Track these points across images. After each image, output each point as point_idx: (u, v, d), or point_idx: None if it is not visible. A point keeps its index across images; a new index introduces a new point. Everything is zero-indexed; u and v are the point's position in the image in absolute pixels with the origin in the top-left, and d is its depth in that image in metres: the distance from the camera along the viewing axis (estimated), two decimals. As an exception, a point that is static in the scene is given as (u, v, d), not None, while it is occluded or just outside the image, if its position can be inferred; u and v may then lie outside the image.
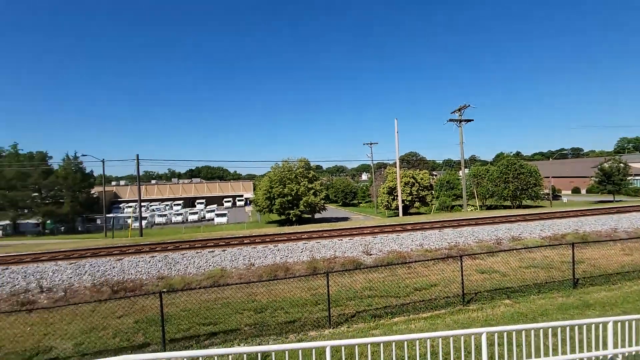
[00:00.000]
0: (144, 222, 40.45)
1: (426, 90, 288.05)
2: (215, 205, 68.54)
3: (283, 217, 43.55)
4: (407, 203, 44.41)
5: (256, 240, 16.89)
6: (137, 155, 34.68)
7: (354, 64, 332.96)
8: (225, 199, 77.08)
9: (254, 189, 69.74)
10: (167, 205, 68.46)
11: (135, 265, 13.53)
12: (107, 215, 40.76)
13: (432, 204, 46.72)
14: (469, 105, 34.14)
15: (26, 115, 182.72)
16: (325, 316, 9.01)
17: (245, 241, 16.96)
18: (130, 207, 58.91)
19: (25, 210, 39.43)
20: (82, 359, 7.58)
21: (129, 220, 40.23)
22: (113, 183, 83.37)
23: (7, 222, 38.52)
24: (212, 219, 50.91)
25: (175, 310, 10.01)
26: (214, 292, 11.19)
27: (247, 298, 10.72)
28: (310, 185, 43.20)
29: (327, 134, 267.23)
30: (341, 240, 16.61)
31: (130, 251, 15.35)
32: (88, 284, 11.97)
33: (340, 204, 77.91)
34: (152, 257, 14.33)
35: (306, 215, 45.29)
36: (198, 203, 72.72)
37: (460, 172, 44.02)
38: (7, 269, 12.79)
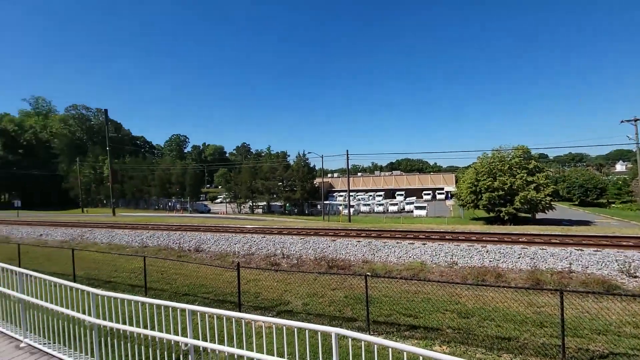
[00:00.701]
0: (351, 210, 45.99)
1: None
2: (414, 198, 68.95)
3: (492, 214, 38.08)
4: None
5: (459, 238, 15.44)
6: (347, 151, 39.73)
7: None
8: (424, 192, 76.09)
9: (456, 182, 64.90)
10: (370, 195, 75.11)
11: (345, 247, 15.39)
12: (325, 202, 49.44)
13: None
14: None
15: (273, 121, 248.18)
16: (555, 344, 6.97)
17: (446, 237, 15.87)
18: (341, 196, 68.74)
19: (274, 195, 53.98)
20: (308, 317, 9.25)
21: (340, 208, 46.96)
22: (329, 175, 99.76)
23: (264, 203, 54.99)
24: (411, 211, 51.38)
25: (378, 294, 10.56)
26: (413, 285, 11.05)
27: (449, 298, 9.90)
28: (530, 178, 35.52)
29: (552, 114, 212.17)
30: (581, 250, 12.53)
31: (341, 234, 17.66)
32: (312, 257, 14.65)
33: (576, 202, 60.07)
34: (358, 241, 15.85)
35: (523, 214, 37.68)
36: (398, 195, 75.44)
37: None
38: (264, 237, 17.66)
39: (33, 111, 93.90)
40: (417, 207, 50.86)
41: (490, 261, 12.64)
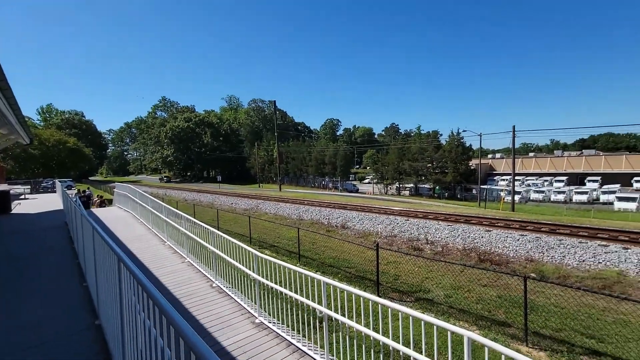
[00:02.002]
0: (517, 197, 38.92)
1: None
2: (618, 185, 51.86)
3: None
4: None
5: (694, 245, 10.72)
6: (514, 127, 33.37)
7: None
8: (635, 178, 56.03)
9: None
10: (545, 180, 61.26)
11: (504, 239, 13.24)
12: (482, 186, 43.51)
13: None
14: None
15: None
16: None
17: (668, 242, 11.31)
18: (505, 180, 58.83)
19: (422, 177, 51.50)
20: (449, 310, 8.56)
21: (502, 193, 40.37)
22: (489, 156, 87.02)
23: (411, 185, 53.30)
24: (611, 203, 38.96)
25: (545, 301, 8.67)
26: (603, 299, 8.48)
27: (664, 327, 7.10)
28: None
29: None
30: None
31: (499, 224, 15.26)
32: (459, 246, 13.34)
33: None
34: (522, 235, 13.32)
35: None
36: (589, 180, 58.39)
37: None
38: (407, 220, 17.23)
39: (228, 107, 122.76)
40: (620, 198, 38.00)
41: None
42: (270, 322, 5.44)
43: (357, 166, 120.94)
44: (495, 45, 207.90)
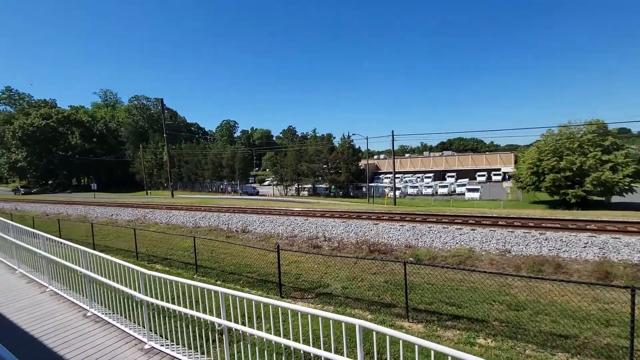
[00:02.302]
0: (397, 193, 44.80)
1: None
2: (467, 180, 64.91)
3: (556, 197, 34.61)
4: None
5: (515, 224, 14.26)
6: (392, 132, 38.34)
7: None
8: (478, 173, 71.26)
9: (516, 162, 59.63)
10: (418, 177, 72.35)
11: (388, 231, 15.06)
12: (370, 184, 48.70)
13: None
14: None
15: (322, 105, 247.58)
16: (622, 346, 6.20)
17: (499, 222, 14.75)
18: (388, 178, 67.13)
19: (319, 178, 54.51)
20: (346, 300, 9.29)
21: (386, 190, 45.98)
22: (375, 157, 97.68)
23: (310, 185, 56.01)
24: (463, 194, 48.63)
25: (420, 280, 10.22)
26: (459, 273, 10.50)
27: (498, 289, 9.24)
28: (605, 157, 31.39)
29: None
30: (664, 240, 10.85)
31: (384, 218, 17.29)
32: (353, 240, 14.59)
33: (663, 184, 52.10)
34: (402, 225, 15.40)
35: (595, 198, 33.66)
36: (448, 176, 71.70)
37: None
38: (307, 220, 17.94)
39: (103, 103, 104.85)
40: (469, 190, 47.96)
41: (549, 250, 11.50)
42: (163, 345, 4.93)
43: (257, 169, 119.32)
44: (373, 61, 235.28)
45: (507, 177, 63.56)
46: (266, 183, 79.06)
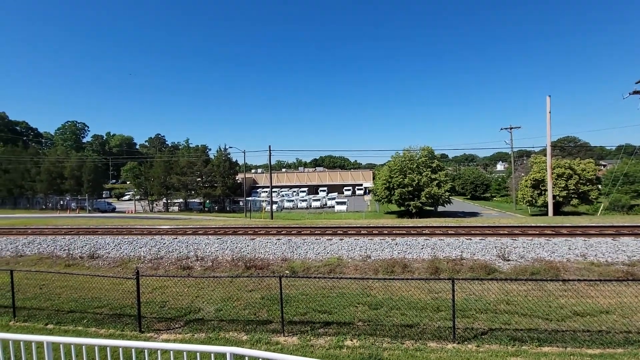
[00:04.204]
0: (275, 206, 45.62)
1: (589, 59, 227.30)
2: (336, 194, 71.70)
3: (402, 208, 41.88)
4: (561, 199, 35.96)
5: (373, 232, 16.45)
6: (270, 147, 39.15)
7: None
8: (345, 188, 79.80)
9: (374, 178, 69.62)
10: (294, 191, 75.67)
11: (265, 245, 15.04)
12: (247, 198, 48.01)
13: (599, 203, 36.54)
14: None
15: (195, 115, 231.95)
16: (448, 326, 7.84)
17: (362, 232, 16.75)
18: (265, 192, 67.69)
19: (192, 192, 50.43)
20: (220, 324, 8.70)
21: (264, 204, 46.21)
22: (253, 171, 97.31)
23: (181, 200, 50.95)
24: (333, 207, 53.38)
25: (295, 292, 10.52)
26: (330, 280, 11.33)
27: (362, 291, 10.40)
28: (433, 176, 40.01)
29: (454, 121, 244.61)
30: (470, 239, 14.49)
31: (261, 232, 17.23)
32: (228, 257, 13.94)
33: (468, 197, 69.98)
34: (278, 239, 15.66)
35: (428, 208, 42.30)
36: (321, 190, 77.56)
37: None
38: (176, 239, 16.20)
39: None
40: (338, 203, 53.05)
41: (398, 253, 13.71)
42: None
43: (114, 181, 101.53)
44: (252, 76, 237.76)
45: (367, 191, 73.37)
46: (126, 198, 67.95)
